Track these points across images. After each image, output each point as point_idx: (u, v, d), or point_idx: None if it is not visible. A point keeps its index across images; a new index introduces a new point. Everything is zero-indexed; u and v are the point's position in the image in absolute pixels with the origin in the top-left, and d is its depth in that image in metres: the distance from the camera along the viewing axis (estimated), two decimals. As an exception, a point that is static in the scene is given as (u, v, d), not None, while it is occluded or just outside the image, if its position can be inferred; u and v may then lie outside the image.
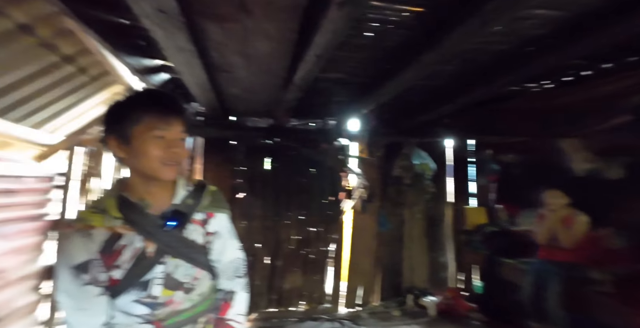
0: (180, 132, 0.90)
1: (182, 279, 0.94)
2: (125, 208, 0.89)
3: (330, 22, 1.15)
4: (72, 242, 0.85)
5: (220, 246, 1.03)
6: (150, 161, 0.87)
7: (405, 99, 2.51)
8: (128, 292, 0.88)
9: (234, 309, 1.04)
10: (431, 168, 3.33)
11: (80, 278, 0.84)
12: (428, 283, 3.54)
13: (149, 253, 0.89)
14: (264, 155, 3.15)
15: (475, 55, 1.83)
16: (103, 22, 1.35)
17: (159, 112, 0.87)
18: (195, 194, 1.01)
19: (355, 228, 3.41)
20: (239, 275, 1.08)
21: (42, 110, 2.38)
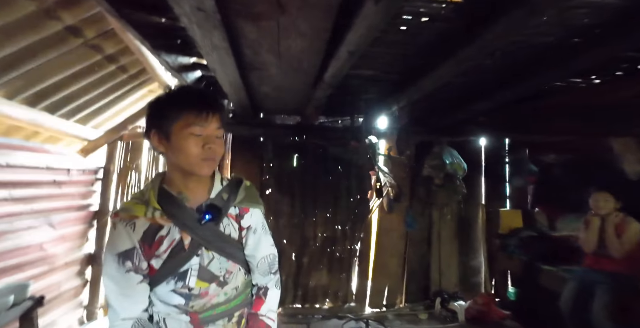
0: (217, 129, 0.92)
1: (216, 272, 0.96)
2: (164, 201, 0.92)
3: (365, 17, 1.12)
4: (118, 231, 0.89)
5: (254, 241, 1.04)
6: (188, 157, 0.89)
7: (438, 95, 2.42)
8: (166, 281, 0.92)
9: (267, 305, 1.05)
10: (463, 168, 3.20)
11: (123, 265, 0.88)
12: (458, 287, 3.42)
13: (185, 245, 0.92)
14: (292, 152, 3.17)
15: (517, 48, 1.72)
16: (144, 22, 1.40)
17: (198, 110, 0.88)
18: (230, 189, 1.02)
19: (382, 227, 3.35)
20: (273, 272, 1.09)
21: (87, 107, 2.54)
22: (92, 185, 2.87)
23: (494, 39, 1.37)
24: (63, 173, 2.45)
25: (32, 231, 2.14)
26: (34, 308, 1.52)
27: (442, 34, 1.61)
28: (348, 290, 3.25)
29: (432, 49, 1.74)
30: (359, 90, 2.54)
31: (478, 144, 3.57)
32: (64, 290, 2.50)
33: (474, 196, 3.52)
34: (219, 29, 1.22)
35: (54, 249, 2.34)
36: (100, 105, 2.62)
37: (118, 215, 0.91)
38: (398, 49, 1.83)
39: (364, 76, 2.24)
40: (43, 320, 2.04)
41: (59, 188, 2.43)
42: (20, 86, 1.91)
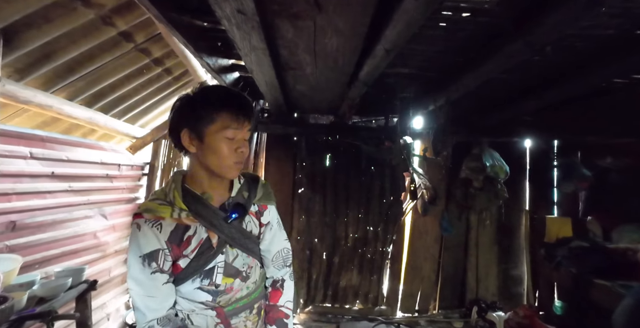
0: (248, 131, 0.94)
1: (240, 268, 0.99)
2: (189, 201, 0.93)
3: (404, 12, 1.09)
4: (143, 232, 0.87)
5: (270, 236, 1.08)
6: (220, 159, 0.90)
7: (479, 94, 2.30)
8: (191, 279, 0.93)
9: (285, 296, 1.09)
10: (505, 171, 3.01)
11: (149, 266, 0.87)
12: (496, 297, 3.23)
13: (213, 244, 0.94)
14: (325, 152, 3.17)
15: (572, 42, 1.58)
16: (188, 26, 1.47)
17: (235, 114, 0.89)
18: (249, 187, 1.05)
19: (415, 230, 3.26)
20: (288, 264, 1.12)
21: (136, 107, 2.73)
22: (139, 180, 3.09)
23: (545, 33, 1.28)
24: (114, 168, 2.66)
25: (87, 220, 2.34)
26: (88, 291, 1.66)
27: (486, 29, 1.53)
28: (379, 292, 3.20)
29: (474, 45, 1.66)
30: (394, 88, 2.48)
31: (522, 146, 3.34)
32: (113, 276, 2.71)
33: (517, 201, 3.30)
34: (257, 30, 1.25)
35: (106, 238, 2.55)
36: (147, 105, 2.81)
37: (142, 216, 0.89)
38: (437, 46, 1.76)
39: (400, 74, 2.19)
40: (95, 302, 2.22)
41: (111, 182, 2.64)
42: (80, 88, 2.10)
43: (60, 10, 1.55)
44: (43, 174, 1.97)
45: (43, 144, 1.99)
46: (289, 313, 1.08)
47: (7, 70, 1.65)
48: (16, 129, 1.85)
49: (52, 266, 1.98)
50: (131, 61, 2.17)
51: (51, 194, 2.04)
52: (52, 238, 2.01)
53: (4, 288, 1.22)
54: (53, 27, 1.60)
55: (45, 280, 1.57)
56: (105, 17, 1.74)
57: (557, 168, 3.28)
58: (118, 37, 1.92)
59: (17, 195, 1.81)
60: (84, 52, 1.85)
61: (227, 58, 2.06)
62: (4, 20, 1.44)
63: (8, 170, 1.73)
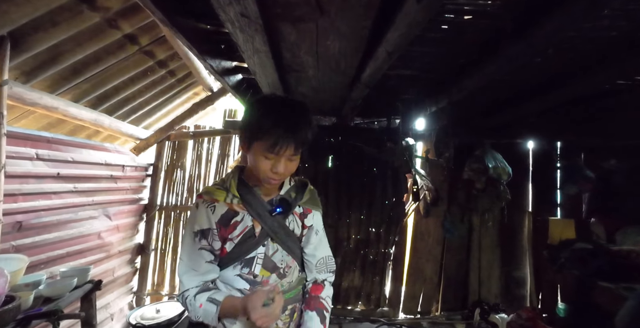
0: (292, 155, 0.94)
1: (278, 263, 1.03)
2: (242, 190, 1.01)
3: (406, 15, 1.10)
4: (199, 211, 0.98)
5: (316, 241, 1.11)
6: (257, 171, 0.96)
7: (481, 95, 2.30)
8: (233, 265, 1.00)
9: (326, 292, 1.12)
10: (508, 173, 3.00)
11: (199, 242, 0.97)
12: (499, 299, 3.22)
13: (256, 233, 1.00)
14: (327, 153, 3.18)
15: (574, 44, 1.58)
16: (192, 29, 1.49)
17: (275, 141, 0.89)
18: (297, 189, 1.10)
19: (418, 232, 3.26)
20: (331, 271, 1.15)
21: (140, 109, 2.75)
22: (143, 181, 3.11)
23: (547, 35, 1.28)
24: (118, 169, 2.69)
25: (92, 221, 2.37)
26: (93, 291, 1.68)
27: (488, 32, 1.54)
28: (381, 293, 3.20)
29: (477, 47, 1.66)
30: (396, 90, 2.49)
31: (525, 147, 3.33)
32: (117, 276, 2.73)
33: (520, 203, 3.29)
34: (260, 33, 1.27)
35: (110, 238, 2.57)
36: (151, 107, 2.83)
37: (202, 197, 1.00)
38: (439, 48, 1.77)
39: (402, 76, 2.20)
40: (99, 302, 2.24)
41: (115, 182, 2.66)
42: (85, 90, 2.13)
43: (66, 13, 1.58)
44: (49, 175, 2.00)
45: (49, 145, 2.02)
46: (329, 308, 1.10)
47: (14, 72, 1.67)
48: (23, 130, 1.87)
49: (58, 266, 2.00)
50: (136, 63, 2.20)
51: (56, 195, 2.07)
52: (58, 238, 2.03)
53: (11, 288, 1.24)
54: (59, 30, 1.62)
55: (50, 280, 1.59)
56: (111, 20, 1.76)
57: (560, 170, 3.27)
58: (123, 40, 1.95)
59: (24, 196, 1.84)
60: (89, 55, 1.88)
61: (230, 60, 2.07)
62: (11, 24, 1.47)
63: (14, 171, 1.75)
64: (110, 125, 2.46)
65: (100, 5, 1.64)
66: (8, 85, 1.55)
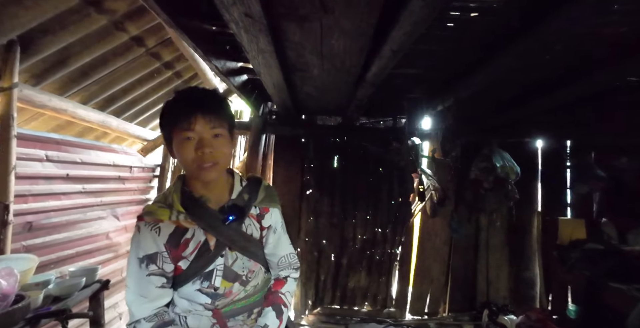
0: (212, 129, 0.86)
1: (239, 271, 0.97)
2: (187, 203, 0.92)
3: (411, 13, 1.09)
4: (142, 234, 0.88)
5: (274, 241, 1.06)
6: (185, 163, 0.88)
7: (488, 94, 2.27)
8: (192, 281, 0.93)
9: (287, 287, 1.08)
10: (516, 172, 2.96)
11: (146, 268, 0.88)
12: (508, 300, 3.18)
13: (211, 246, 0.93)
14: (333, 153, 3.18)
15: (583, 40, 1.55)
16: (197, 30, 1.50)
17: (183, 113, 0.85)
18: (250, 189, 1.02)
19: (424, 232, 3.23)
20: (295, 268, 1.11)
21: (147, 110, 2.78)
22: (150, 182, 3.14)
23: (554, 32, 1.26)
24: (126, 170, 2.72)
25: (100, 221, 2.40)
26: (101, 291, 1.69)
27: (494, 29, 1.52)
28: (388, 294, 3.18)
29: (482, 44, 1.64)
30: (402, 89, 2.47)
31: (534, 146, 3.28)
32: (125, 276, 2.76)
33: (528, 202, 3.24)
34: (264, 33, 1.27)
35: (118, 238, 2.60)
36: (158, 108, 2.86)
37: (143, 219, 0.90)
38: (444, 46, 1.75)
39: (407, 75, 2.18)
40: (108, 301, 2.26)
41: (123, 183, 2.69)
42: (93, 92, 2.16)
43: (74, 16, 1.60)
44: (58, 176, 2.03)
45: (58, 147, 2.05)
46: (287, 303, 1.06)
47: (24, 75, 1.70)
48: (32, 132, 1.90)
49: (67, 266, 2.03)
50: (142, 65, 2.22)
51: (66, 196, 2.10)
52: (67, 238, 2.06)
53: (21, 287, 1.26)
54: (68, 33, 1.65)
55: (60, 280, 1.61)
56: (118, 22, 1.78)
57: (570, 169, 3.22)
58: (130, 42, 1.97)
59: (33, 197, 1.87)
60: (97, 57, 1.90)
61: (235, 61, 2.08)
62: (21, 28, 1.50)
63: (25, 172, 1.78)
64: (117, 127, 2.49)
65: (107, 7, 1.66)
66: (18, 88, 1.58)
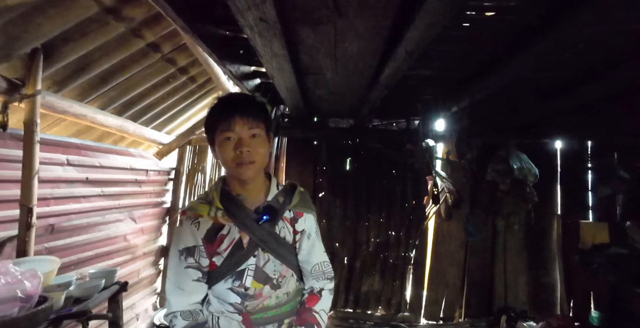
0: (250, 129, 0.92)
1: (271, 274, 0.98)
2: (226, 201, 0.97)
3: (427, 14, 1.07)
4: (183, 228, 0.95)
5: (308, 246, 1.05)
6: (225, 162, 0.94)
7: (505, 94, 2.22)
8: (224, 279, 0.96)
9: (322, 304, 1.05)
10: (534, 174, 2.88)
11: (185, 260, 0.94)
12: (527, 305, 3.08)
13: (244, 244, 0.96)
14: (345, 155, 3.17)
15: (606, 38, 1.50)
16: (212, 35, 1.52)
17: (223, 116, 0.92)
18: (286, 193, 1.05)
19: (439, 235, 3.18)
20: (329, 278, 1.09)
21: (162, 115, 2.83)
22: (166, 185, 3.20)
23: (576, 30, 1.22)
24: (142, 173, 2.77)
25: (118, 223, 2.45)
26: (120, 292, 1.72)
27: (512, 28, 1.48)
28: (402, 298, 3.13)
29: (499, 44, 1.61)
30: (416, 91, 2.45)
31: (553, 147, 3.19)
32: (142, 278, 2.81)
33: (548, 205, 3.15)
34: (278, 37, 1.27)
35: (135, 240, 2.65)
36: (173, 112, 2.91)
37: (185, 213, 0.97)
38: (460, 47, 1.72)
39: (421, 76, 2.16)
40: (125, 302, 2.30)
41: (139, 186, 2.75)
42: (111, 98, 2.21)
43: (94, 24, 1.65)
44: (78, 180, 2.08)
45: (78, 151, 2.11)
46: (322, 323, 1.03)
47: (46, 82, 1.76)
48: (54, 137, 1.96)
49: (87, 267, 2.07)
50: (158, 71, 2.26)
51: (85, 199, 2.15)
52: (87, 240, 2.11)
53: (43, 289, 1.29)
54: (88, 41, 1.69)
55: (80, 281, 1.64)
56: (135, 29, 1.82)
57: (591, 171, 3.11)
58: (146, 48, 2.01)
59: (55, 200, 1.92)
60: (115, 64, 1.95)
61: (248, 65, 2.10)
62: (44, 36, 1.55)
63: (47, 176, 1.84)
64: (134, 131, 2.54)
65: (126, 15, 1.70)
66: (41, 94, 1.63)
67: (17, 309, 1.03)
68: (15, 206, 1.60)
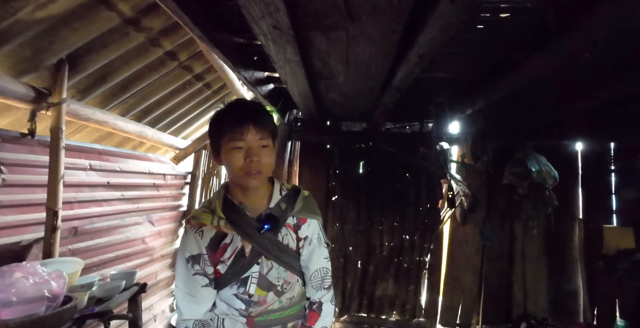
0: (260, 140, 0.92)
1: (274, 281, 0.99)
2: (228, 210, 0.97)
3: (439, 17, 1.07)
4: (188, 236, 0.96)
5: (308, 252, 1.04)
6: (233, 171, 0.93)
7: (522, 95, 2.18)
8: (229, 286, 0.97)
9: (323, 320, 1.04)
10: (554, 177, 2.80)
11: (192, 268, 0.95)
12: (547, 313, 2.98)
13: (246, 253, 0.96)
14: (358, 159, 3.16)
15: (628, 36, 1.46)
16: (227, 43, 1.56)
17: (235, 124, 0.91)
18: (289, 199, 1.03)
19: (455, 239, 3.12)
20: (326, 287, 1.07)
21: (179, 121, 2.91)
22: (182, 189, 3.27)
23: (596, 28, 1.19)
24: (160, 177, 2.85)
25: (137, 227, 2.52)
26: (139, 293, 1.77)
27: (528, 29, 1.46)
28: (417, 303, 3.08)
29: (514, 45, 1.59)
30: (429, 93, 2.43)
31: (573, 149, 3.09)
32: (159, 279, 2.87)
33: (568, 209, 3.05)
34: (291, 44, 1.30)
35: (153, 243, 2.72)
36: (189, 118, 2.99)
37: (189, 222, 0.98)
38: (474, 48, 1.71)
39: (434, 79, 2.15)
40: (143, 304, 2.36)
41: (157, 190, 2.82)
42: (131, 104, 2.29)
43: (115, 35, 1.72)
44: (100, 184, 2.16)
45: (100, 157, 2.19)
46: None
47: (71, 91, 1.84)
48: (78, 143, 2.05)
49: (107, 269, 2.14)
50: (175, 78, 2.33)
51: (107, 202, 2.23)
52: (108, 242, 2.18)
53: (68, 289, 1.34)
54: (109, 51, 1.77)
55: (102, 282, 1.70)
56: (153, 38, 1.89)
57: (615, 173, 3.00)
58: (164, 57, 2.08)
59: (79, 203, 2.00)
60: (135, 72, 2.02)
61: (262, 71, 2.14)
62: (69, 48, 1.62)
63: (71, 180, 1.92)
64: (152, 137, 2.62)
65: (145, 25, 1.77)
66: (66, 102, 1.71)
67: (44, 308, 1.08)
68: (41, 209, 1.67)
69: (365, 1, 1.05)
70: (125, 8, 1.61)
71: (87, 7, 1.51)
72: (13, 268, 1.12)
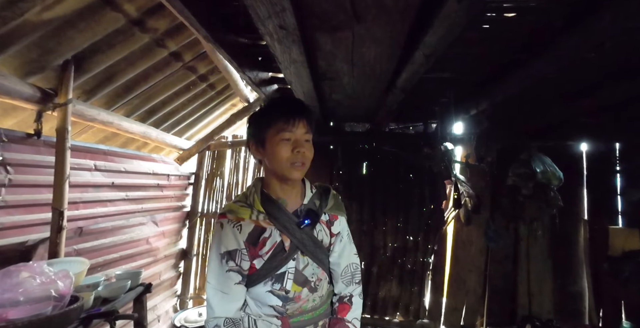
0: (305, 133, 0.96)
1: (309, 277, 1.00)
2: (266, 204, 0.98)
3: (446, 18, 1.07)
4: (225, 231, 0.95)
5: (340, 248, 1.06)
6: (280, 161, 0.94)
7: (526, 96, 2.17)
8: (263, 282, 0.97)
9: (353, 312, 1.06)
10: (558, 178, 2.78)
11: (226, 264, 0.94)
12: (552, 315, 2.96)
13: (285, 247, 0.97)
14: (362, 159, 3.16)
15: (635, 35, 1.45)
16: (233, 43, 1.57)
17: (285, 116, 0.94)
18: (320, 196, 1.06)
19: (459, 240, 3.10)
20: (357, 282, 1.09)
21: (183, 121, 2.92)
22: (186, 189, 3.28)
23: (602, 28, 1.19)
24: (164, 178, 2.85)
25: (141, 227, 2.53)
26: (144, 293, 1.78)
27: (534, 29, 1.45)
28: (420, 304, 3.07)
29: (520, 45, 1.58)
30: (433, 94, 2.42)
31: (578, 150, 3.07)
32: (163, 280, 2.88)
33: (573, 210, 3.03)
34: (297, 44, 1.30)
35: (157, 243, 2.72)
36: (193, 119, 3.00)
37: (226, 216, 0.97)
38: (480, 48, 1.70)
39: (439, 79, 2.14)
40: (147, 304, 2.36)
41: (161, 191, 2.83)
42: (136, 105, 2.30)
43: (121, 36, 1.73)
44: (105, 184, 2.17)
45: (105, 157, 2.19)
46: None
47: (76, 92, 1.85)
48: (83, 143, 2.06)
49: (111, 269, 2.15)
50: (180, 79, 2.34)
51: (111, 202, 2.23)
52: (112, 243, 2.19)
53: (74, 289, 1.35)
54: (114, 52, 1.78)
55: (107, 282, 1.70)
56: (158, 39, 1.90)
57: (620, 174, 2.98)
58: (169, 57, 2.09)
59: (84, 204, 2.01)
60: (139, 73, 2.03)
61: (266, 71, 2.15)
62: (75, 49, 1.63)
63: (76, 181, 1.92)
64: (157, 137, 2.63)
65: (150, 26, 1.78)
66: (72, 103, 1.72)
67: (51, 308, 1.08)
68: (47, 209, 1.68)
69: (372, 2, 1.05)
70: (130, 9, 1.62)
71: (93, 8, 1.52)
72: (20, 268, 1.13)
